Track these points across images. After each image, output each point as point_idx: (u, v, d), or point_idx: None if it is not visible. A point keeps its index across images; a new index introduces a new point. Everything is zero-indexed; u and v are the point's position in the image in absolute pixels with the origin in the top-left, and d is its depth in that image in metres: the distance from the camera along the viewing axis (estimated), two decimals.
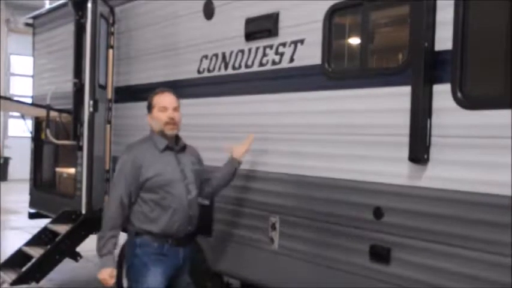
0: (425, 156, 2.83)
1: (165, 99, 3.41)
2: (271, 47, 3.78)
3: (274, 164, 3.72)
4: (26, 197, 7.50)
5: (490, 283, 2.55)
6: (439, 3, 2.82)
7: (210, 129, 4.29)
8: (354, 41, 3.50)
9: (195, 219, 3.46)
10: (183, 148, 3.50)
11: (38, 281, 5.27)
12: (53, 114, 6.09)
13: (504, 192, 2.50)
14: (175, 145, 3.46)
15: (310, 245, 3.44)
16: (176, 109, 3.42)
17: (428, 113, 2.83)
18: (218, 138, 4.21)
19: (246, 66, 3.97)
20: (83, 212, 5.31)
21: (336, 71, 3.45)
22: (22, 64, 18.81)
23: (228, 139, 4.12)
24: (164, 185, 3.31)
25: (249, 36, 3.94)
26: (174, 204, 3.32)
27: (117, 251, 3.50)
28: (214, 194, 3.83)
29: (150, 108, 3.44)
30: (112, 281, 3.27)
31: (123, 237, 3.47)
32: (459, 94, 2.72)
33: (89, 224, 5.34)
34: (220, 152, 4.12)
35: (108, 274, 3.25)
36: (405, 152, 2.89)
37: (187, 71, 4.53)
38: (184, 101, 4.59)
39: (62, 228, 5.58)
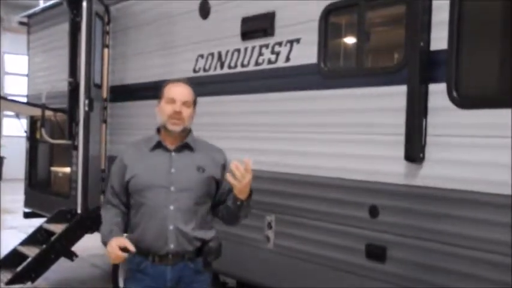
0: (421, 155, 2.85)
1: (174, 90, 2.80)
2: (267, 46, 3.78)
3: (270, 163, 3.72)
4: (20, 197, 7.47)
5: (489, 282, 2.56)
6: (434, 3, 2.83)
7: (206, 128, 4.28)
8: (350, 40, 3.52)
9: (186, 237, 2.73)
10: (184, 147, 2.84)
11: (33, 281, 5.26)
12: (48, 113, 6.08)
13: (499, 191, 2.52)
14: (175, 143, 2.83)
15: (306, 243, 3.45)
16: (187, 104, 2.78)
17: (424, 112, 2.84)
18: (213, 137, 4.20)
19: (242, 65, 3.97)
20: (79, 211, 5.31)
21: (332, 70, 3.45)
22: (16, 63, 18.75)
23: (223, 138, 4.12)
24: (140, 189, 2.76)
25: (245, 35, 3.95)
26: (148, 213, 2.74)
27: None
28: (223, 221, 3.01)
29: (159, 98, 2.86)
30: (124, 249, 2.61)
31: None
32: (454, 93, 2.73)
33: (84, 223, 5.33)
34: None
35: (114, 243, 2.61)
36: (401, 151, 2.90)
37: (183, 70, 4.52)
38: None
39: (58, 228, 5.58)
